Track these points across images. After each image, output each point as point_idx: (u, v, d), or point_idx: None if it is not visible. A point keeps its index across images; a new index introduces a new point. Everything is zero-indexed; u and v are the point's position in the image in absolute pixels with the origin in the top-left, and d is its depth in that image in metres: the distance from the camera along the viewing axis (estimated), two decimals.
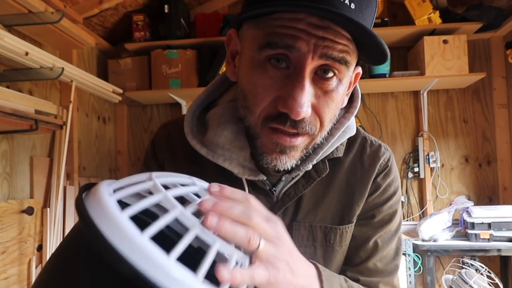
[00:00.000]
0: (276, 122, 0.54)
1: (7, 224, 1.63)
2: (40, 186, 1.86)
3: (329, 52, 0.50)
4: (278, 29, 0.50)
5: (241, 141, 0.61)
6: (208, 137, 0.62)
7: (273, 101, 0.53)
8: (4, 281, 1.62)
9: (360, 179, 0.68)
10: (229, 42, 0.62)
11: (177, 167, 0.69)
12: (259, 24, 0.52)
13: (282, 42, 0.50)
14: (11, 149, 1.73)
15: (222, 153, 0.61)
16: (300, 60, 0.51)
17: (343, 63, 0.52)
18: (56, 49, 2.07)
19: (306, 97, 0.51)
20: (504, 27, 2.38)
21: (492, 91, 2.56)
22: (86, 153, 2.35)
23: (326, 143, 0.62)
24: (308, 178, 0.65)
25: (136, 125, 2.74)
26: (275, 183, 0.66)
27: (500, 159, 2.54)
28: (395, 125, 2.63)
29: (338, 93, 0.55)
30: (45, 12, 1.67)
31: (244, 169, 0.61)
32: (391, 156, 0.71)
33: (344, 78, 0.55)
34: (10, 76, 1.65)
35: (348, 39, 0.51)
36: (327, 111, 0.55)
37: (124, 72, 2.49)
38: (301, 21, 0.49)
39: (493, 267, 2.32)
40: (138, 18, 2.41)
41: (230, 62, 0.62)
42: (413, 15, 2.36)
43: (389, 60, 2.35)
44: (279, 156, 0.56)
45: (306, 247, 0.67)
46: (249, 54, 0.55)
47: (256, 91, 0.54)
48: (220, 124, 0.62)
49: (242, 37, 0.58)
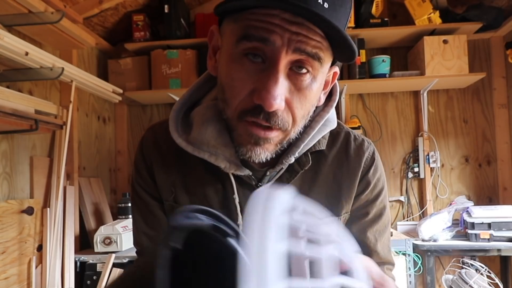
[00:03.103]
0: (251, 114, 0.55)
1: (7, 224, 1.63)
2: (40, 186, 1.86)
3: (303, 46, 0.52)
4: (254, 22, 0.52)
5: (224, 138, 0.62)
6: (193, 135, 0.64)
7: (249, 94, 0.55)
8: (4, 281, 1.62)
9: (347, 173, 0.70)
10: (211, 38, 0.64)
11: (165, 167, 0.70)
12: (237, 19, 0.55)
13: (257, 34, 0.52)
14: (11, 149, 1.73)
15: (208, 149, 0.63)
16: (274, 53, 0.53)
17: (317, 59, 0.54)
18: (56, 49, 2.07)
19: (280, 89, 0.53)
20: (504, 27, 2.38)
21: (492, 91, 2.56)
22: (86, 153, 2.35)
23: (306, 135, 0.63)
24: (292, 171, 0.67)
25: (136, 125, 2.74)
26: (260, 178, 0.67)
27: (500, 159, 2.54)
28: (395, 125, 2.63)
29: (311, 91, 0.57)
30: (45, 12, 1.67)
31: (230, 164, 0.63)
32: (374, 150, 0.74)
33: (318, 75, 0.57)
34: (10, 76, 1.65)
35: (322, 37, 0.53)
36: (299, 107, 0.57)
37: (124, 72, 2.49)
38: (276, 16, 0.51)
39: (493, 267, 2.32)
40: (138, 18, 2.41)
41: (212, 57, 0.65)
42: (413, 15, 2.36)
43: (389, 60, 2.37)
44: (254, 147, 0.58)
45: None
46: (228, 48, 0.57)
47: (233, 84, 0.56)
48: (203, 122, 0.63)
49: (222, 33, 0.60)
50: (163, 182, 0.70)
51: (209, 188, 0.68)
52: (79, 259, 1.99)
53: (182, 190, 0.69)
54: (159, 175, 0.70)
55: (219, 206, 0.68)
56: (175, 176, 0.69)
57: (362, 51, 2.35)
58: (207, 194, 0.68)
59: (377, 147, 2.58)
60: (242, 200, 0.67)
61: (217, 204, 0.68)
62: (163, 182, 0.70)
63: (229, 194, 0.66)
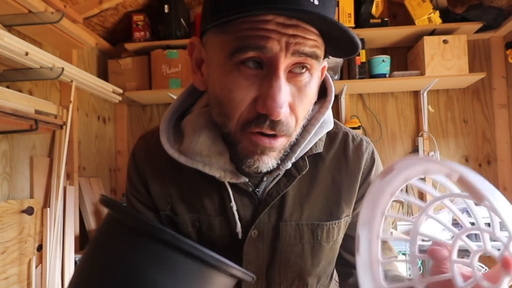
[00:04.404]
0: (255, 125, 0.53)
1: (7, 224, 1.63)
2: (40, 186, 1.86)
3: (301, 48, 0.51)
4: (247, 32, 0.50)
5: (219, 146, 0.61)
6: (185, 145, 0.62)
7: (251, 103, 0.53)
8: (4, 281, 1.62)
9: (346, 175, 0.69)
10: (192, 51, 0.61)
11: (159, 178, 0.69)
12: (225, 29, 0.52)
13: (253, 44, 0.50)
14: (11, 149, 1.73)
15: (201, 159, 0.61)
16: (273, 59, 0.51)
17: (315, 57, 0.53)
18: (56, 49, 2.07)
19: (284, 95, 0.51)
20: (504, 27, 2.38)
21: (492, 91, 2.56)
22: (86, 153, 2.35)
23: (302, 140, 0.61)
24: (289, 176, 0.65)
25: (136, 125, 2.74)
26: (257, 184, 0.66)
27: (500, 159, 2.54)
28: (395, 125, 2.63)
29: (311, 88, 0.56)
30: (45, 12, 1.67)
31: (226, 173, 0.61)
32: (373, 149, 0.72)
33: (315, 73, 0.56)
34: (10, 76, 1.65)
35: (317, 34, 0.52)
36: (302, 108, 0.56)
37: (124, 72, 2.49)
38: (270, 22, 0.49)
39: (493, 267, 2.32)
40: (138, 18, 2.41)
41: (196, 71, 0.62)
42: (413, 15, 2.36)
43: (389, 60, 2.37)
44: (261, 157, 0.56)
45: (294, 246, 0.67)
46: (220, 61, 0.54)
47: (232, 96, 0.53)
48: (195, 131, 0.61)
49: (208, 45, 0.57)
50: (158, 193, 0.69)
51: (205, 197, 0.67)
52: (79, 259, 1.99)
53: (178, 200, 0.68)
54: (154, 186, 0.69)
55: (216, 215, 0.67)
56: (170, 187, 0.68)
57: (362, 51, 2.35)
58: (204, 203, 0.67)
59: (377, 147, 2.58)
60: (240, 207, 0.65)
61: (215, 212, 0.67)
62: (158, 193, 0.69)
63: (226, 202, 0.65)
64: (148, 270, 0.44)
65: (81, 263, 0.50)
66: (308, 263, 0.69)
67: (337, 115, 2.60)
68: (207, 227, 0.67)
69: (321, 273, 0.71)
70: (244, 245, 0.66)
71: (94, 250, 0.50)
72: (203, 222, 0.67)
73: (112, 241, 0.48)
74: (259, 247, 0.67)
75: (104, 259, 0.47)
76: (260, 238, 0.66)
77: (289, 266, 0.68)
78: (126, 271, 0.44)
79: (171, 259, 0.44)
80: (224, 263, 0.45)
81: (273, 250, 0.67)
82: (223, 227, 0.67)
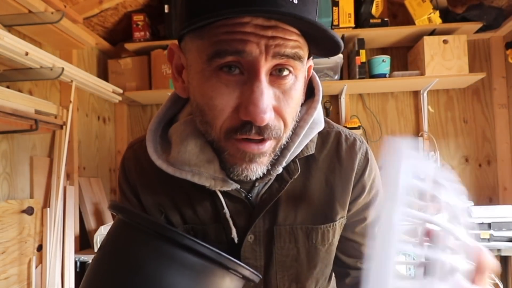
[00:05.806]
0: (240, 132, 0.51)
1: (7, 224, 1.63)
2: (40, 186, 1.86)
3: (282, 50, 0.49)
4: (224, 36, 0.48)
5: (207, 153, 0.58)
6: (172, 155, 0.60)
7: (234, 111, 0.51)
8: (4, 281, 1.62)
9: (339, 176, 0.67)
10: (172, 57, 0.60)
11: (150, 188, 0.68)
12: (203, 34, 0.50)
13: (231, 48, 0.48)
14: (11, 149, 1.73)
15: (190, 169, 0.59)
16: (253, 63, 0.49)
17: (297, 58, 0.51)
18: (56, 49, 2.07)
19: (267, 100, 0.49)
20: (504, 27, 2.38)
21: (492, 91, 2.56)
22: (86, 153, 2.35)
23: (292, 143, 0.59)
24: (281, 180, 0.63)
25: (136, 125, 2.74)
26: (249, 189, 0.65)
27: (500, 159, 2.54)
28: (395, 125, 2.63)
29: (296, 91, 0.54)
30: (45, 12, 1.67)
31: (216, 181, 0.59)
32: (367, 149, 0.70)
33: (300, 74, 0.54)
34: (10, 76, 1.65)
35: (298, 34, 0.50)
36: (289, 111, 0.54)
37: (124, 72, 2.49)
38: (247, 24, 0.47)
39: None
40: (138, 18, 2.41)
41: (177, 78, 0.59)
42: (413, 15, 2.36)
43: (389, 60, 2.37)
44: (249, 165, 0.54)
45: (289, 249, 0.67)
46: (198, 67, 0.52)
47: (213, 104, 0.51)
48: (182, 140, 0.59)
49: (186, 50, 0.55)
50: (150, 203, 0.68)
51: (198, 206, 0.66)
52: (79, 259, 1.99)
53: (172, 210, 0.67)
54: (145, 196, 0.68)
55: (211, 222, 0.66)
56: (162, 196, 0.67)
57: (362, 51, 2.35)
58: (197, 212, 0.66)
59: (377, 147, 2.58)
60: (234, 213, 0.64)
61: (209, 220, 0.66)
62: (150, 203, 0.68)
63: (219, 209, 0.64)
64: (165, 274, 0.45)
65: (94, 267, 0.52)
66: (304, 266, 0.68)
67: (337, 115, 2.60)
68: (203, 235, 0.67)
69: (318, 276, 0.71)
70: (241, 249, 0.66)
71: (111, 255, 0.52)
72: (198, 231, 0.67)
73: (131, 246, 0.49)
74: (256, 251, 0.67)
75: (123, 263, 0.48)
76: (256, 242, 0.66)
77: (286, 269, 0.68)
78: (144, 275, 0.46)
79: (189, 262, 0.46)
80: (240, 265, 0.48)
81: (269, 253, 0.67)
82: (218, 233, 0.66)
